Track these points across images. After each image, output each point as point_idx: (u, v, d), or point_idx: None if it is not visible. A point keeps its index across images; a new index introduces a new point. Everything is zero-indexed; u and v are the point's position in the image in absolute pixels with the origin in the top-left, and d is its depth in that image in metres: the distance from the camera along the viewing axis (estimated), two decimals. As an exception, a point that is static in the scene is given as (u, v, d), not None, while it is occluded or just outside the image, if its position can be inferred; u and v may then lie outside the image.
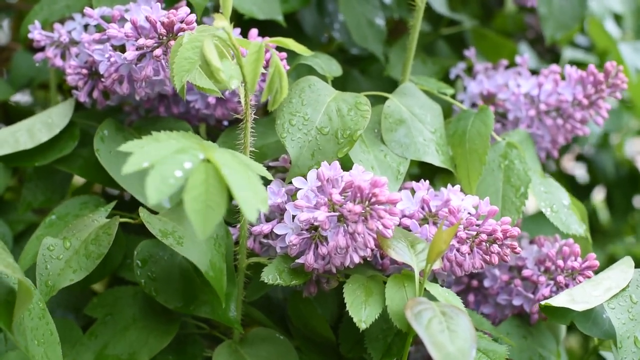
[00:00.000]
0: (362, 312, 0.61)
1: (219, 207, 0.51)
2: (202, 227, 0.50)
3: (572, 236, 0.78)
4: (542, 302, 0.68)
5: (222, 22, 0.56)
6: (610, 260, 0.73)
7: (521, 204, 0.74)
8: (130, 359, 0.69)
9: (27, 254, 0.70)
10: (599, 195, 1.50)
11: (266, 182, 0.62)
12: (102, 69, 0.68)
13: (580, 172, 1.45)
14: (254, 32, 0.71)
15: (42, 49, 0.76)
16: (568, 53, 1.17)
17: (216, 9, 0.79)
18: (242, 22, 0.80)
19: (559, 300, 0.67)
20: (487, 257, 0.65)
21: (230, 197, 0.52)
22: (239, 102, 0.67)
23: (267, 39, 0.60)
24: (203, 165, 0.52)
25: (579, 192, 1.31)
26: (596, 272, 0.72)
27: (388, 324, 0.61)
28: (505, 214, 0.73)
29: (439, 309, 0.58)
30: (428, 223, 0.67)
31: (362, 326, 0.60)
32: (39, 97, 1.07)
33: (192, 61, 0.57)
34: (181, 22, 0.65)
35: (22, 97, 1.05)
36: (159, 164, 0.51)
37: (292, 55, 0.71)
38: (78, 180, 0.94)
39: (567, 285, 0.73)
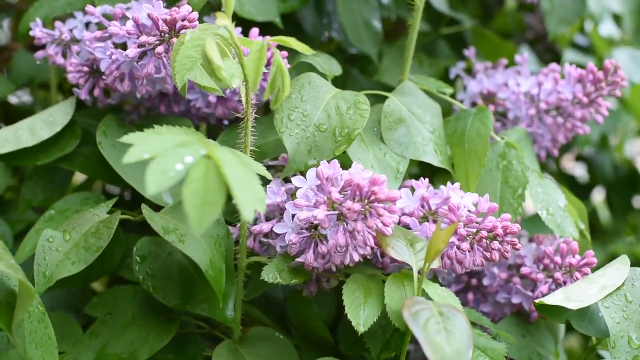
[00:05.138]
0: (360, 314, 0.61)
1: (216, 204, 0.51)
2: (198, 222, 0.50)
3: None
4: (537, 300, 0.68)
5: (224, 21, 0.56)
6: (611, 259, 0.73)
7: (518, 205, 0.74)
8: (130, 357, 0.69)
9: (25, 245, 0.70)
10: (599, 195, 1.50)
11: (266, 181, 0.62)
12: (103, 66, 0.69)
13: (580, 172, 1.45)
14: (254, 31, 0.71)
15: (42, 46, 0.76)
16: (569, 55, 1.17)
17: (219, 7, 0.79)
18: (242, 21, 0.80)
19: (553, 299, 0.66)
20: (488, 254, 0.65)
21: (229, 196, 0.52)
22: (240, 101, 0.67)
23: (269, 37, 0.60)
24: (204, 160, 0.52)
25: (579, 192, 1.31)
26: (595, 271, 0.72)
27: (387, 320, 0.61)
28: (503, 215, 0.73)
29: (436, 309, 0.58)
30: (428, 221, 0.67)
31: (361, 329, 0.60)
32: (40, 97, 1.07)
33: (193, 59, 0.57)
34: (183, 20, 0.65)
35: (22, 97, 1.06)
36: (161, 156, 0.51)
37: (292, 54, 0.71)
38: (78, 179, 0.94)
39: (565, 283, 0.73)
